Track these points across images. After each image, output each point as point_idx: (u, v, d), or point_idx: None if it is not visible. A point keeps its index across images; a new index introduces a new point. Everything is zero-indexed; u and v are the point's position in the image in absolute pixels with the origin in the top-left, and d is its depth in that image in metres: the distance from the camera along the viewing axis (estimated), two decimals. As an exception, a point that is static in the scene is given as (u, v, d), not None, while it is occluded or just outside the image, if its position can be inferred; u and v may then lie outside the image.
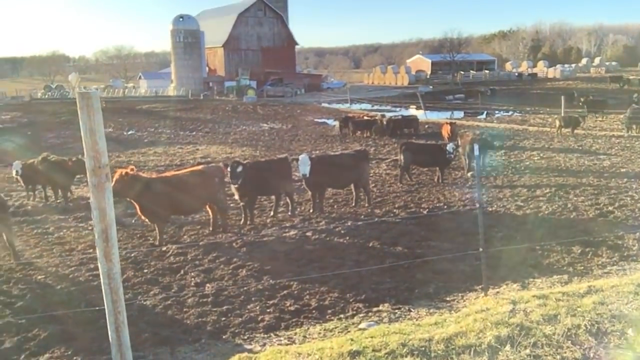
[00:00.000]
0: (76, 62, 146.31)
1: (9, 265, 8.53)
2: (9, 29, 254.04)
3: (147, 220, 9.69)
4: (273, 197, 11.88)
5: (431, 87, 69.13)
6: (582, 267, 7.83)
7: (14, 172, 13.75)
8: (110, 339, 4.46)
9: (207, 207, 10.40)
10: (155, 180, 9.63)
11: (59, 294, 7.29)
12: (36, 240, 10.13)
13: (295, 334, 5.87)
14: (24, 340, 5.85)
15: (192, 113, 42.98)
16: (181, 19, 67.98)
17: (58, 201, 13.38)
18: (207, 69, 74.05)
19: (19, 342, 5.81)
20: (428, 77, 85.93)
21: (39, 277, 8.03)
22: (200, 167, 11.15)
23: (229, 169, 10.48)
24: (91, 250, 9.12)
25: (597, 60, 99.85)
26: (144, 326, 6.08)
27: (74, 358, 5.45)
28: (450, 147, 14.36)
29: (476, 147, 6.66)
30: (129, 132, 31.28)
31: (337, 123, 28.95)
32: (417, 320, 5.83)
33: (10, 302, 7.02)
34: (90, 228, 10.68)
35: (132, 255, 8.76)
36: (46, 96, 64.15)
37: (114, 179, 8.53)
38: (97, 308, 5.74)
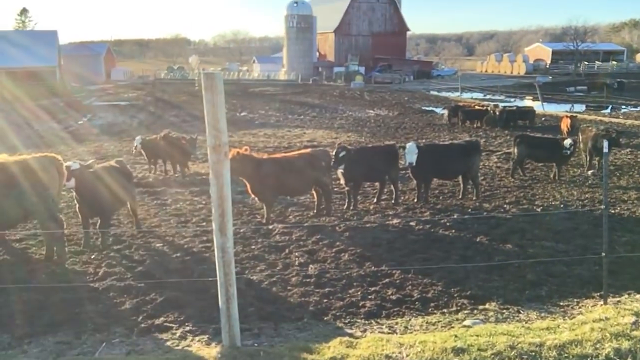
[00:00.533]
0: (196, 45, 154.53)
1: (131, 232, 9.24)
2: (139, 13, 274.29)
3: (256, 198, 10.04)
4: (377, 183, 11.82)
5: (550, 77, 64.88)
6: None
7: (134, 146, 14.92)
8: (220, 310, 4.68)
9: (313, 189, 10.57)
10: (267, 160, 9.93)
11: (174, 262, 7.77)
12: (155, 211, 10.88)
13: (397, 323, 5.81)
14: (142, 303, 6.29)
15: (300, 97, 43.83)
16: (295, 4, 69.25)
17: (176, 175, 14.27)
18: (317, 54, 75.04)
19: (138, 304, 6.27)
20: (547, 66, 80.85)
21: (157, 245, 8.62)
22: (308, 150, 11.34)
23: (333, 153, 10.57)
24: (204, 224, 9.64)
25: None
26: (250, 300, 6.31)
27: (186, 324, 5.78)
28: (567, 142, 13.38)
29: (606, 143, 6.14)
30: (242, 114, 32.55)
31: (445, 112, 28.13)
32: (526, 323, 5.53)
33: (132, 266, 7.61)
34: (204, 202, 11.30)
35: (241, 231, 9.12)
36: (169, 77, 68.52)
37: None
38: (210, 279, 6.04)
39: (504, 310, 6.11)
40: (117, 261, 7.82)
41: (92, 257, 7.97)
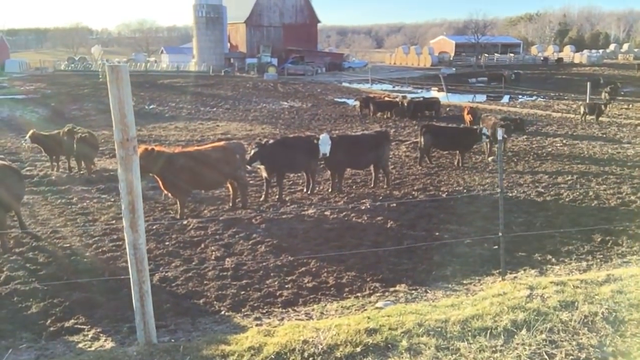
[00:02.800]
0: (99, 35, 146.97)
1: (34, 234, 8.74)
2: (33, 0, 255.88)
3: (169, 194, 9.83)
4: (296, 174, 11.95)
5: (454, 69, 68.19)
6: (602, 256, 7.78)
7: (24, 141, 14.10)
8: (134, 308, 4.60)
9: (228, 183, 10.51)
10: (178, 154, 9.74)
11: (83, 262, 7.47)
12: (60, 210, 10.35)
13: (313, 310, 5.97)
14: (50, 306, 6.02)
15: (212, 89, 43.05)
16: (204, -7, 67.69)
17: (81, 172, 13.60)
18: (228, 45, 73.85)
19: (45, 308, 5.99)
20: (451, 59, 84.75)
21: (64, 245, 8.22)
22: (222, 143, 11.24)
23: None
24: (114, 222, 9.31)
25: (625, 47, 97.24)
26: (166, 297, 6.22)
27: (98, 324, 5.61)
28: (485, 129, 14.46)
29: (500, 131, 6.61)
30: (150, 107, 31.49)
31: (357, 103, 28.79)
32: (433, 301, 5.88)
33: (37, 269, 7.22)
34: (112, 200, 10.90)
35: (154, 227, 8.91)
36: (69, 68, 64.75)
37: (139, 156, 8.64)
38: (122, 277, 5.90)
39: (413, 291, 6.46)
40: (20, 264, 7.38)
41: (-9, 261, 7.48)
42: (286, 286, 6.63)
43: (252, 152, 10.54)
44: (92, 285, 6.49)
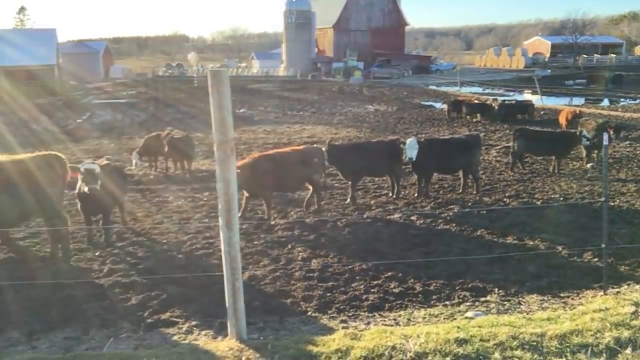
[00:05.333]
0: (195, 42, 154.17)
1: (134, 229, 9.30)
2: (137, 10, 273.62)
3: (255, 195, 10.06)
4: (377, 178, 11.85)
5: (549, 70, 64.96)
6: None
7: (134, 163, 14.68)
8: (226, 304, 4.75)
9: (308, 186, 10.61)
10: (260, 158, 9.94)
11: (178, 258, 7.85)
12: (157, 208, 10.94)
13: (400, 315, 5.89)
14: (148, 299, 6.37)
15: (299, 93, 43.78)
16: (294, 0, 69.11)
17: (177, 172, 14.30)
18: (316, 49, 74.92)
19: (143, 300, 6.35)
20: (546, 60, 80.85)
21: (161, 241, 8.68)
22: (300, 147, 11.40)
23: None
24: (207, 220, 9.70)
25: None
26: (255, 295, 6.38)
27: (191, 319, 5.86)
28: (585, 133, 13.62)
29: (605, 136, 6.20)
30: (241, 110, 32.49)
31: (445, 106, 28.16)
32: (527, 314, 5.61)
33: (136, 263, 7.68)
34: (205, 199, 11.36)
35: (244, 227, 9.18)
36: (167, 74, 68.46)
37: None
38: (215, 274, 6.12)
39: (505, 302, 6.20)
40: (121, 258, 7.89)
41: (97, 254, 8.04)
42: (372, 290, 6.59)
43: (327, 151, 10.65)
44: (186, 280, 6.79)
